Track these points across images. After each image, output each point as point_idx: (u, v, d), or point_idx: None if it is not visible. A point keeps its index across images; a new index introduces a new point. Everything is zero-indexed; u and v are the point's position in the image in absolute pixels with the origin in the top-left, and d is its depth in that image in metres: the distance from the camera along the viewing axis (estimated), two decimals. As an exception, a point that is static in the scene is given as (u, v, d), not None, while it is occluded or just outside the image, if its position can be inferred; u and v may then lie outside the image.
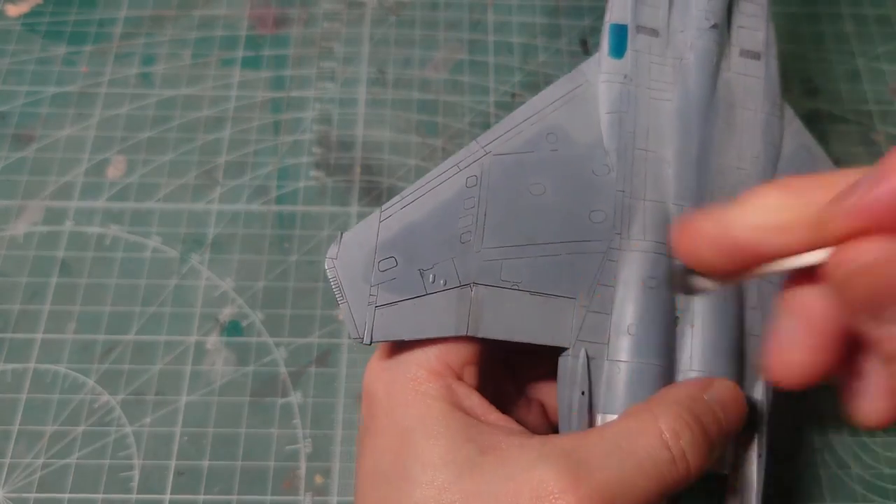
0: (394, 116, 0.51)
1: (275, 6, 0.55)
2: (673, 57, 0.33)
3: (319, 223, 0.47)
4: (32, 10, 0.55)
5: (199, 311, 0.44)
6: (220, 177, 0.48)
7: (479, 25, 0.55)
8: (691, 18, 0.34)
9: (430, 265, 0.29)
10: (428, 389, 0.28)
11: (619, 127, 0.32)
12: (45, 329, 0.43)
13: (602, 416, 0.29)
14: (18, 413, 0.41)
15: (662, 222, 0.31)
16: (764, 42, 0.34)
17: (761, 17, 0.35)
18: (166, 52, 0.53)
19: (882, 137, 0.50)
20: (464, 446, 0.26)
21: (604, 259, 0.30)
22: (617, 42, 0.33)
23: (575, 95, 0.33)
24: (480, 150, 0.31)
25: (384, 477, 0.27)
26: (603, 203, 0.31)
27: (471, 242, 0.30)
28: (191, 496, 0.39)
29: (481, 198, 0.30)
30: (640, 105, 0.32)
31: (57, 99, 0.51)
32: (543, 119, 0.32)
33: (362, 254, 0.29)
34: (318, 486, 0.39)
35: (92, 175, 0.48)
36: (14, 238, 0.46)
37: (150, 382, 0.42)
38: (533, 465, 0.25)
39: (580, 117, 0.32)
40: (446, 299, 0.29)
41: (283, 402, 0.41)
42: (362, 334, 0.28)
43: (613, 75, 0.33)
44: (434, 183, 0.30)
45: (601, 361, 0.30)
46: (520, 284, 0.29)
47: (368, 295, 0.28)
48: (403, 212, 0.30)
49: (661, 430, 0.26)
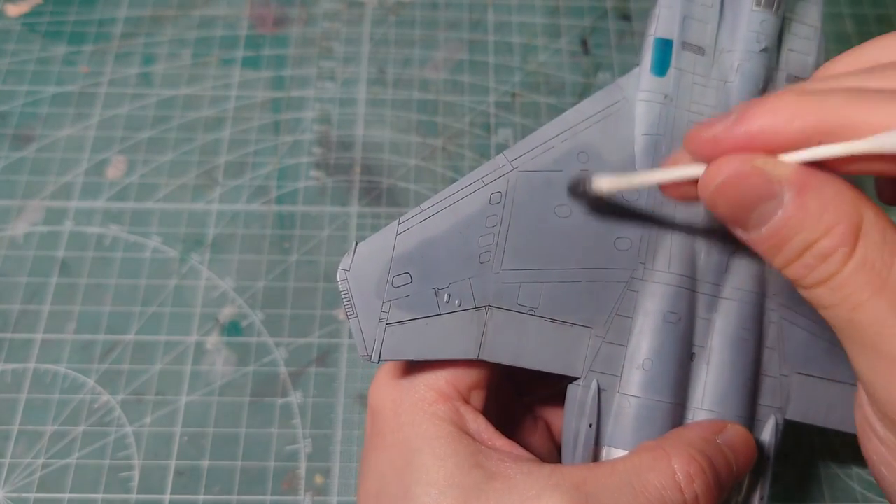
0: (394, 116, 0.51)
1: (275, 6, 0.55)
2: (717, 78, 0.32)
3: (319, 223, 0.46)
4: (32, 10, 0.55)
5: (199, 311, 0.44)
6: (220, 177, 0.48)
7: (479, 25, 0.55)
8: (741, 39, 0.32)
9: (445, 284, 0.28)
10: (436, 411, 0.27)
11: (653, 151, 0.30)
12: (45, 329, 0.43)
13: (607, 450, 0.29)
14: (18, 413, 0.41)
15: (688, 255, 0.30)
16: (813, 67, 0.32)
17: (813, 40, 0.33)
18: (166, 51, 0.53)
19: (882, 137, 0.50)
20: (471, 471, 0.26)
21: (625, 289, 0.29)
22: (661, 58, 0.31)
23: (610, 113, 0.31)
24: (507, 164, 0.30)
25: (387, 495, 0.27)
26: (630, 231, 0.30)
27: (490, 263, 0.29)
28: (191, 496, 0.39)
29: (504, 216, 0.29)
30: (677, 128, 0.31)
31: (57, 99, 0.51)
32: (575, 136, 0.31)
33: (376, 267, 0.28)
34: (318, 486, 0.39)
35: (92, 175, 0.48)
36: (14, 238, 0.46)
37: (150, 382, 0.42)
38: (540, 494, 0.25)
39: (614, 137, 0.31)
40: (460, 321, 0.28)
41: (283, 402, 0.41)
42: (370, 352, 0.27)
43: (653, 94, 0.31)
44: (456, 197, 0.29)
45: (612, 394, 0.29)
46: (536, 310, 0.29)
47: (380, 311, 0.28)
48: (422, 225, 0.29)
49: (674, 472, 0.25)
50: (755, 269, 0.30)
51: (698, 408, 0.29)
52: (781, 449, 0.30)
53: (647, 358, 0.29)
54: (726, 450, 0.27)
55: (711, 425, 0.28)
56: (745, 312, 0.30)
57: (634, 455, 0.27)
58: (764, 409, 0.30)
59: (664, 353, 0.29)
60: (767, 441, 0.30)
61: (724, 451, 0.27)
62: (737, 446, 0.28)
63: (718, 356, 0.30)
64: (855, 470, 0.40)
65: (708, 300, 0.30)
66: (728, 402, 0.29)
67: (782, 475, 0.40)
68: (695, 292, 0.30)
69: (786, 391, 0.30)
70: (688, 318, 0.30)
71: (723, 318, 0.30)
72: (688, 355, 0.29)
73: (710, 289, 0.30)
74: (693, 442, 0.27)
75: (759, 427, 0.30)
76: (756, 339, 0.30)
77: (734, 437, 0.28)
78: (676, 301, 0.29)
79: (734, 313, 0.30)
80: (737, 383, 0.29)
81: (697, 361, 0.30)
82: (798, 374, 0.30)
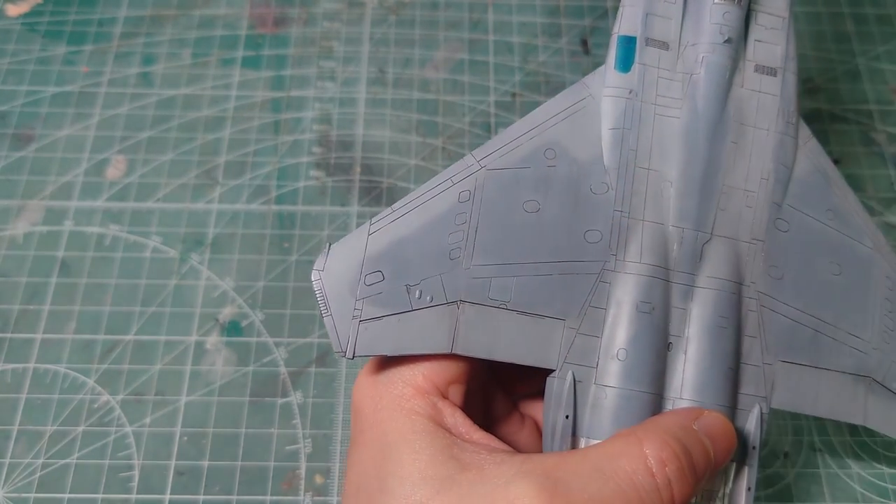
0: (394, 116, 0.51)
1: (275, 6, 0.55)
2: (682, 72, 0.32)
3: (319, 223, 0.46)
4: (32, 10, 0.55)
5: (199, 311, 0.44)
6: (220, 177, 0.48)
7: (479, 25, 0.55)
8: (704, 32, 0.32)
9: (417, 281, 0.29)
10: (413, 406, 0.28)
11: (620, 144, 0.31)
12: (45, 329, 0.43)
13: (585, 441, 0.29)
14: (18, 413, 0.41)
15: (660, 245, 0.30)
16: (782, 57, 0.33)
17: (781, 30, 0.33)
18: (166, 51, 0.53)
19: (882, 137, 0.50)
20: (444, 463, 0.26)
21: (597, 280, 0.30)
22: (624, 55, 0.32)
23: (577, 110, 0.32)
24: (476, 164, 0.30)
25: (365, 490, 0.27)
26: (599, 222, 0.30)
27: (460, 259, 0.29)
28: (191, 496, 0.39)
29: (473, 213, 0.30)
30: (644, 122, 0.31)
31: (57, 99, 0.51)
32: (543, 134, 0.31)
33: (349, 267, 0.29)
34: (318, 486, 0.39)
35: (92, 175, 0.48)
36: (14, 238, 0.46)
37: (150, 382, 0.42)
38: (510, 481, 0.25)
39: (581, 133, 0.31)
40: (432, 316, 0.28)
41: (283, 402, 0.41)
42: (345, 348, 0.28)
43: (618, 90, 0.32)
44: (426, 197, 0.30)
45: (588, 385, 0.29)
46: (508, 304, 0.29)
47: (353, 309, 0.28)
48: (393, 225, 0.29)
49: (646, 456, 0.25)
50: (731, 256, 0.30)
51: (677, 398, 0.29)
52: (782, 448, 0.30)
53: (621, 348, 0.29)
54: (702, 436, 0.27)
55: (688, 412, 0.28)
56: (721, 301, 0.30)
57: (607, 442, 0.27)
58: (746, 399, 0.30)
59: (639, 343, 0.29)
60: (753, 430, 0.30)
61: (700, 438, 0.27)
62: (714, 433, 0.28)
63: (696, 345, 0.29)
64: (855, 470, 0.40)
65: (683, 290, 0.30)
66: (708, 391, 0.29)
67: (782, 475, 0.40)
68: (668, 282, 0.30)
69: (770, 379, 0.30)
70: (662, 307, 0.30)
71: (699, 307, 0.30)
72: (664, 345, 0.29)
73: (684, 278, 0.30)
74: (667, 427, 0.27)
75: (742, 416, 0.30)
76: (735, 326, 0.30)
77: (712, 424, 0.28)
78: (649, 291, 0.30)
79: (710, 302, 0.30)
80: (715, 372, 0.29)
81: (675, 351, 0.30)
82: (782, 362, 0.30)
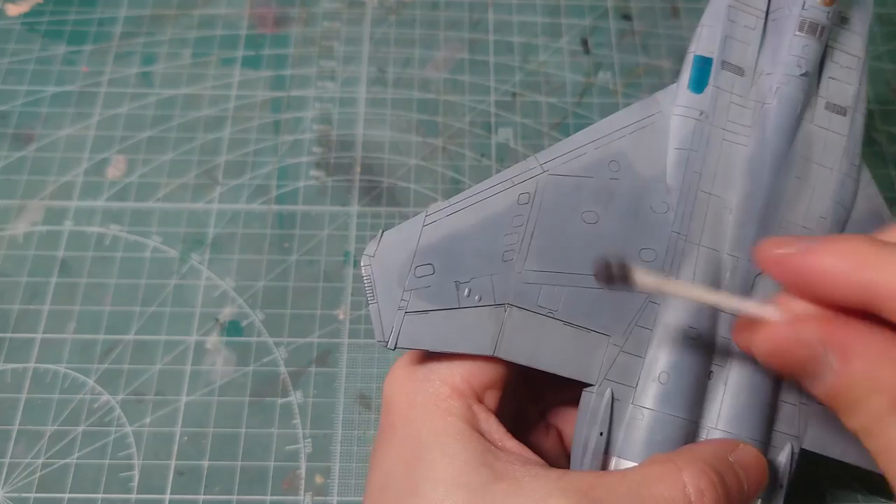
0: (394, 116, 0.51)
1: (275, 5, 0.55)
2: (755, 100, 0.32)
3: (319, 223, 0.46)
4: (32, 10, 0.55)
5: (199, 310, 0.44)
6: (220, 176, 0.48)
7: (479, 25, 0.55)
8: (781, 62, 0.31)
9: (467, 278, 0.28)
10: (449, 407, 0.27)
11: (685, 165, 0.31)
12: (45, 329, 0.43)
13: (616, 460, 0.29)
14: (18, 413, 0.41)
15: (713, 272, 0.30)
16: (854, 97, 0.32)
17: (855, 69, 0.33)
18: (166, 51, 0.53)
19: (883, 137, 0.50)
20: (478, 470, 0.26)
21: (646, 300, 0.29)
22: (699, 76, 0.32)
23: (645, 125, 0.31)
24: (538, 167, 0.30)
25: (394, 489, 0.27)
26: (655, 242, 0.30)
27: (513, 262, 0.29)
28: (191, 496, 0.39)
29: (531, 217, 0.29)
30: (711, 145, 0.31)
31: (57, 98, 0.51)
32: (609, 145, 0.31)
33: (400, 256, 0.28)
34: (318, 486, 0.39)
35: (92, 175, 0.48)
36: (14, 238, 0.46)
37: (150, 382, 0.42)
38: (547, 498, 0.24)
39: (647, 148, 0.31)
40: (478, 316, 0.28)
41: (283, 402, 0.41)
42: (387, 338, 0.28)
43: (689, 110, 0.31)
44: (485, 194, 0.29)
45: (625, 404, 0.29)
46: (556, 313, 0.29)
47: (400, 299, 0.28)
48: (449, 219, 0.29)
49: (684, 484, 0.25)
50: None
51: (712, 427, 0.29)
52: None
53: (663, 371, 0.29)
54: (738, 468, 0.27)
55: (724, 443, 0.28)
56: None
57: (645, 466, 0.26)
58: (780, 436, 0.30)
59: (681, 368, 0.29)
60: (782, 468, 0.29)
61: (736, 470, 0.27)
62: (749, 466, 0.27)
63: (737, 377, 0.29)
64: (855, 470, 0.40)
65: (730, 319, 0.29)
66: (744, 424, 0.29)
67: (783, 475, 0.40)
68: (717, 310, 0.29)
69: (804, 420, 0.30)
70: (708, 335, 0.29)
71: None
72: (705, 373, 0.29)
73: None
74: (705, 457, 0.26)
75: (773, 453, 0.30)
76: None
77: (747, 457, 0.27)
78: (698, 317, 0.29)
79: None
80: (753, 406, 0.29)
81: (715, 380, 0.29)
82: (818, 404, 0.30)
